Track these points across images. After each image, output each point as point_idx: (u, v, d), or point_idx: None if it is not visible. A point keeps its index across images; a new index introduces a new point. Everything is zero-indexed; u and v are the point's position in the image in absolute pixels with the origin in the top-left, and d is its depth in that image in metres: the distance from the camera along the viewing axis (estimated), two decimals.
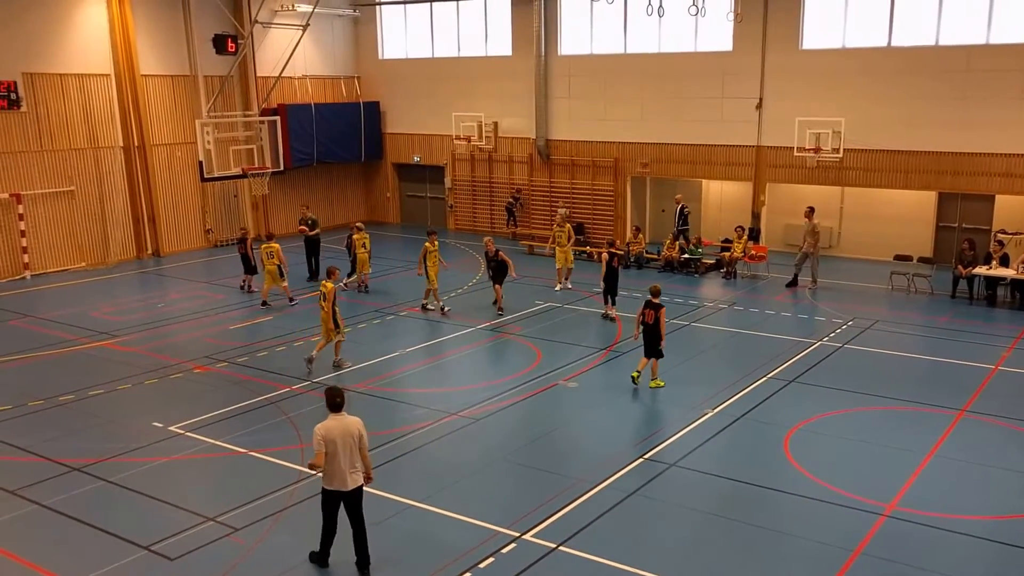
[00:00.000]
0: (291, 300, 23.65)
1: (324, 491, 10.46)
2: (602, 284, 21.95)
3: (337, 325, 17.97)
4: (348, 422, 10.31)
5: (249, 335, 20.96)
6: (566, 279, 25.21)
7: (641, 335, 16.97)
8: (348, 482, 10.32)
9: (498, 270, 22.54)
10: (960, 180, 25.93)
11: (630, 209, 31.79)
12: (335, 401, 10.33)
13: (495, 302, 22.67)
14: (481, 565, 10.59)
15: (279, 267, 23.27)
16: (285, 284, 23.63)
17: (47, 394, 16.89)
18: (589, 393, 16.81)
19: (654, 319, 16.69)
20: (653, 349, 16.87)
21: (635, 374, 17.02)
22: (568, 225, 25.58)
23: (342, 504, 10.49)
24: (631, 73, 30.55)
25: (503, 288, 22.67)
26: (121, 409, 16.19)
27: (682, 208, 28.63)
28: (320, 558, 10.74)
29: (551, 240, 26.07)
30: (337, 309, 17.96)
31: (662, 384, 16.96)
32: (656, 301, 16.81)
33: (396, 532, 11.55)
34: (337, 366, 18.22)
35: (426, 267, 22.28)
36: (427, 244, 22.36)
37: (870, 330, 20.75)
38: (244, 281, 25.47)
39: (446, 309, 22.49)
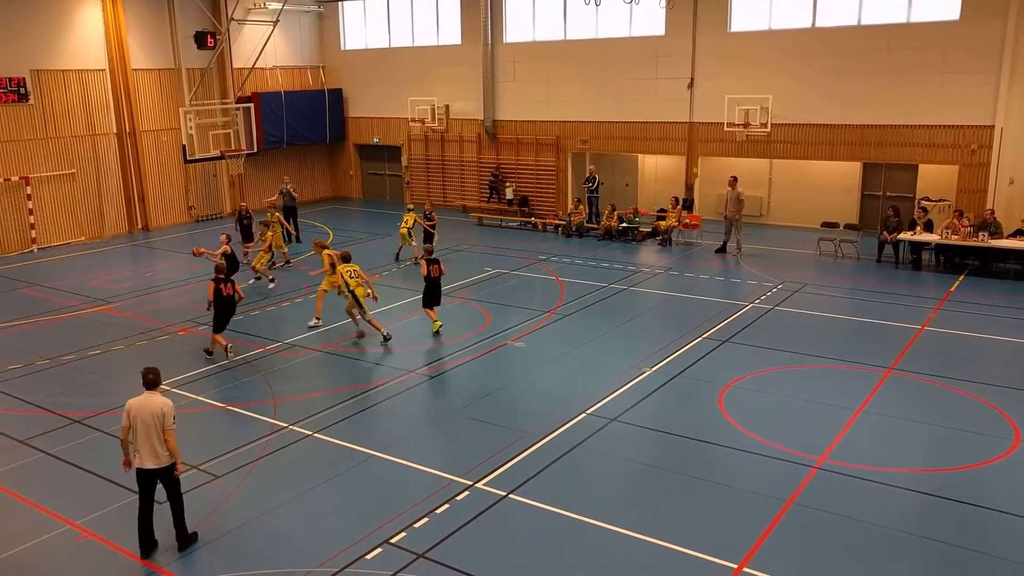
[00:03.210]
0: (288, 262, 24.52)
1: (136, 469, 9.54)
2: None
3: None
4: (152, 401, 9.45)
5: None
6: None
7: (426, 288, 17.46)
8: (147, 461, 9.39)
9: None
10: (884, 151, 25.36)
11: (571, 182, 31.44)
12: (147, 379, 9.60)
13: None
14: (438, 511, 10.47)
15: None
16: (285, 249, 24.64)
17: (52, 354, 16.95)
18: (535, 352, 16.54)
19: (439, 272, 17.48)
20: (438, 299, 17.74)
21: (438, 324, 17.54)
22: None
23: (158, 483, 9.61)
24: (571, 58, 30.16)
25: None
26: (115, 368, 16.15)
27: (595, 178, 28.74)
28: (140, 538, 9.65)
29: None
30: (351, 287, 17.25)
31: (440, 323, 17.55)
32: (435, 257, 17.76)
33: (359, 480, 11.46)
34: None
35: None
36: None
37: (799, 293, 20.16)
38: (244, 250, 25.42)
39: None
